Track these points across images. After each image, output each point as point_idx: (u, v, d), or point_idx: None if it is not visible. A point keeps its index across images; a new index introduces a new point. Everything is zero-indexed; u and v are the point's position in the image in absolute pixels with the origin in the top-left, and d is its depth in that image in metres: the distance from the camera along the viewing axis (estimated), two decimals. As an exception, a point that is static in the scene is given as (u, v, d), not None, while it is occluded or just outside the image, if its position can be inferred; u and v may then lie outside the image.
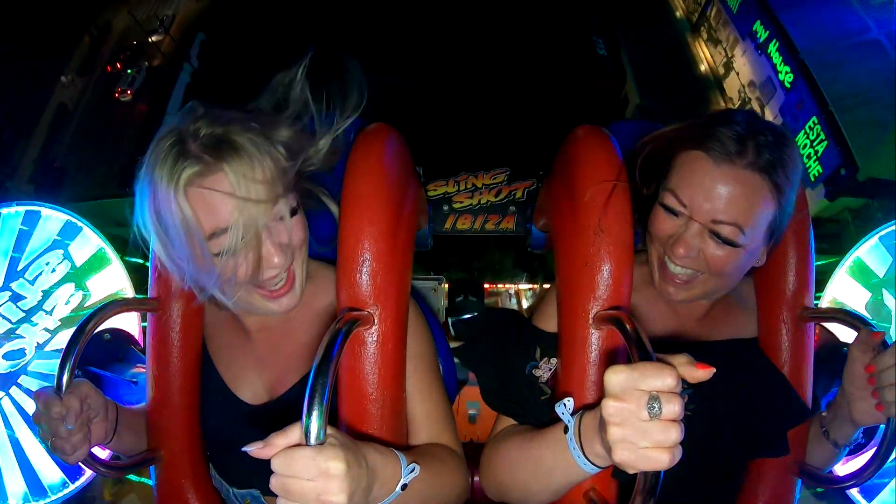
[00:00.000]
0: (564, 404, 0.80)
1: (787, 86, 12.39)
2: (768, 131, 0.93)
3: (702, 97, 15.38)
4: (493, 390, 1.07)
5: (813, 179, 10.75)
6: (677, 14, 17.95)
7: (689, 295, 1.00)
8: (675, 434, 0.63)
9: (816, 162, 10.88)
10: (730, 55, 15.29)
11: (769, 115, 11.86)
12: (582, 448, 0.77)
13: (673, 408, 0.63)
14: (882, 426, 0.95)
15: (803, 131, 11.24)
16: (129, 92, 18.66)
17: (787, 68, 12.38)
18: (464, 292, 2.36)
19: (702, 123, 0.96)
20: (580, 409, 0.80)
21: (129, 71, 18.94)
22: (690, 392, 1.00)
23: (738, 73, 14.88)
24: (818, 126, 10.99)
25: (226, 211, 0.86)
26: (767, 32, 13.24)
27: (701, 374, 0.66)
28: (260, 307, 0.98)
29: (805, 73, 11.71)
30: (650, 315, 1.05)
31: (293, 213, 0.93)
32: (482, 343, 1.14)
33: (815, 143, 11.03)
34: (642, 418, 0.64)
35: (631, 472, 0.67)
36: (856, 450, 1.00)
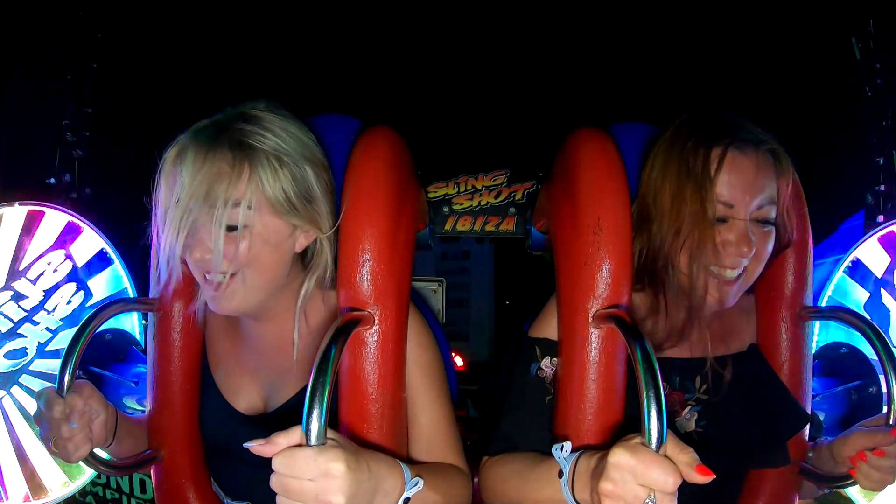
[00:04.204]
0: (562, 447, 0.80)
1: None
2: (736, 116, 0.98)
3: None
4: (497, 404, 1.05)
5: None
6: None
7: (740, 291, 0.98)
8: None
9: None
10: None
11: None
12: (574, 494, 0.76)
13: None
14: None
15: None
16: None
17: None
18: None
19: (703, 125, 0.97)
20: (579, 450, 0.79)
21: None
22: (699, 409, 1.00)
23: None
24: None
25: (182, 184, 0.88)
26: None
27: (699, 479, 0.64)
28: (204, 294, 0.96)
29: None
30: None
31: (231, 228, 0.88)
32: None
33: None
34: None
35: None
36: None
